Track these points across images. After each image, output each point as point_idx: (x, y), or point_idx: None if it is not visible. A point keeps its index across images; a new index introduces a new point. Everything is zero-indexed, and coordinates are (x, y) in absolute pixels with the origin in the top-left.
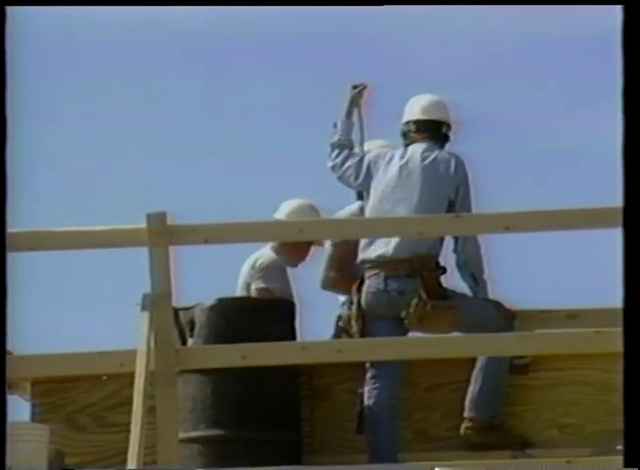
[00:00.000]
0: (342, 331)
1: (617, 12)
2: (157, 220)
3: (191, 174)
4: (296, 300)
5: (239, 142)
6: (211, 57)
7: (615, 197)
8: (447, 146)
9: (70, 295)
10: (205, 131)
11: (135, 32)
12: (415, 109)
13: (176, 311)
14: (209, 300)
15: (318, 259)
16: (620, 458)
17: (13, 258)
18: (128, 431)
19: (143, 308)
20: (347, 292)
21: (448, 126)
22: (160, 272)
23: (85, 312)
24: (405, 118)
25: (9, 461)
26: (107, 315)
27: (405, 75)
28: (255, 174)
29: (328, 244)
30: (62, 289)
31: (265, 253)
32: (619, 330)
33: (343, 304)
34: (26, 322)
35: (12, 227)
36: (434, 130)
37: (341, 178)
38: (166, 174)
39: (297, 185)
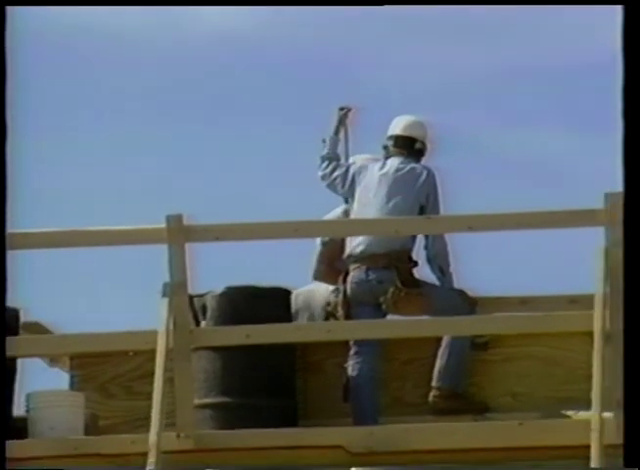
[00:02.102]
0: (329, 315)
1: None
2: (174, 221)
3: (202, 177)
4: None
5: (247, 150)
6: (213, 59)
7: (564, 202)
8: (423, 160)
9: (102, 285)
10: (211, 137)
11: (135, 31)
12: (396, 126)
13: (191, 298)
14: (219, 288)
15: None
16: (567, 421)
17: (54, 254)
18: (151, 398)
19: (163, 295)
20: (335, 282)
21: (422, 143)
22: (178, 265)
23: (115, 299)
24: (388, 133)
25: (52, 423)
26: (133, 302)
27: (387, 100)
28: (259, 179)
29: (319, 241)
30: (95, 280)
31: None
32: (564, 313)
33: (333, 292)
34: (66, 307)
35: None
36: (408, 145)
37: (329, 186)
38: (178, 176)
39: (293, 190)
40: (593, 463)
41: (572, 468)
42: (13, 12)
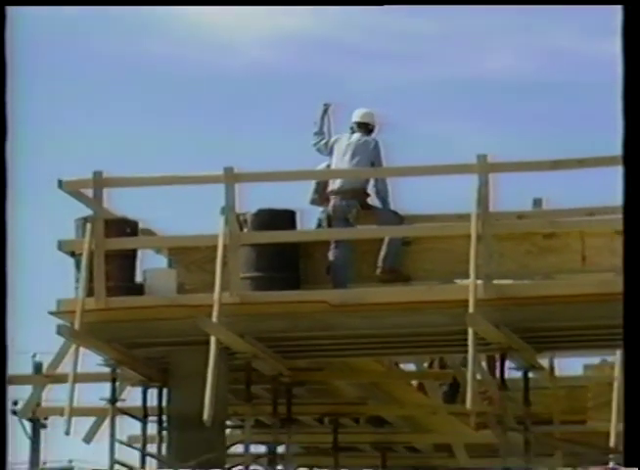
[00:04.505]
0: (318, 226)
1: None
2: (228, 170)
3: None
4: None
5: (278, 132)
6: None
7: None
8: (373, 134)
9: (188, 206)
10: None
11: (135, 31)
12: (357, 115)
13: (237, 215)
14: (254, 210)
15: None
16: (456, 285)
17: (157, 190)
18: (215, 274)
19: (221, 214)
20: (322, 205)
21: (373, 125)
22: (230, 196)
23: (194, 215)
24: (352, 119)
25: (158, 287)
26: (204, 216)
27: (356, 98)
28: (283, 145)
29: (314, 182)
30: (184, 204)
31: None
32: (453, 224)
33: (322, 212)
34: (167, 220)
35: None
36: (365, 127)
37: (318, 150)
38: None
39: (299, 153)
40: (470, 310)
41: None
42: (13, 12)
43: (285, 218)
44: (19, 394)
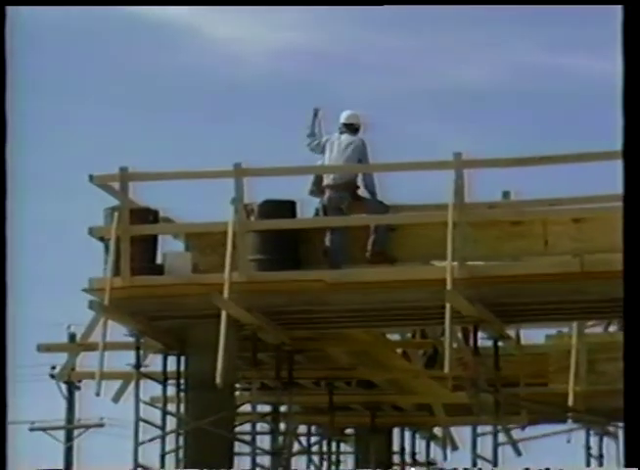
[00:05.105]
0: (316, 215)
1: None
2: (237, 166)
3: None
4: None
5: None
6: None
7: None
8: (359, 134)
9: (199, 197)
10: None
11: (136, 29)
12: (344, 117)
13: (245, 205)
14: (259, 200)
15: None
16: (435, 266)
17: (177, 183)
18: (225, 256)
19: (231, 203)
20: (318, 196)
21: (358, 125)
22: (239, 189)
23: (206, 205)
24: (340, 121)
25: (176, 267)
26: (216, 205)
27: (344, 103)
28: (285, 147)
29: (312, 176)
30: (195, 196)
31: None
32: (432, 212)
33: (319, 202)
34: (183, 209)
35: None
36: (351, 127)
37: (312, 150)
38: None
39: (296, 152)
40: (447, 288)
41: None
42: (13, 12)
43: (287, 208)
44: (56, 360)
